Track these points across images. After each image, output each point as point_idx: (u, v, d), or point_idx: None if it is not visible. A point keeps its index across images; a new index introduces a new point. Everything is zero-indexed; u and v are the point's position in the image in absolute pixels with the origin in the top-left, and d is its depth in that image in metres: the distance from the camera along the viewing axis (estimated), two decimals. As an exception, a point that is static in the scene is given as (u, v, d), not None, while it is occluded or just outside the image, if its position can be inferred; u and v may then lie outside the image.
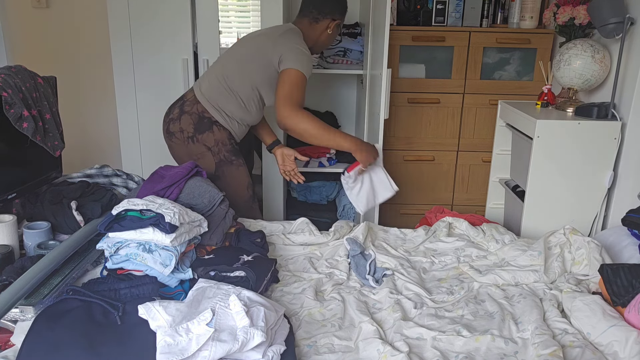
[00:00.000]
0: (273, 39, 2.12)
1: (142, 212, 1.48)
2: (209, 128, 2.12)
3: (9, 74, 1.71)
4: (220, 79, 2.16)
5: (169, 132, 2.18)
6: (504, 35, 2.76)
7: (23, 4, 3.16)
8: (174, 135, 2.16)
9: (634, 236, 1.87)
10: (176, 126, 2.15)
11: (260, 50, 2.12)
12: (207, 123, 2.12)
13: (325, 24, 2.25)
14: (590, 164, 2.18)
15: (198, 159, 2.13)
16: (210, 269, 1.52)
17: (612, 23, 2.06)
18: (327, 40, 2.32)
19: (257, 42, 2.17)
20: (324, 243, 1.94)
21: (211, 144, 2.13)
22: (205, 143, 2.13)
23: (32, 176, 1.87)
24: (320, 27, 2.25)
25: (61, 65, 3.18)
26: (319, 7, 2.23)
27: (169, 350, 1.16)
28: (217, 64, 2.23)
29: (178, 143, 2.16)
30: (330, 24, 2.26)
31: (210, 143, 2.13)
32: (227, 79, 2.15)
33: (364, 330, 1.42)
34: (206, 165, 2.13)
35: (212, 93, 2.14)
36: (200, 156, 2.14)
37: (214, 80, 2.17)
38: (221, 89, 2.14)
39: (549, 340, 1.33)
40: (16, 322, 1.36)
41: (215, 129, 2.13)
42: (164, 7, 2.66)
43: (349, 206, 3.08)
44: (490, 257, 1.87)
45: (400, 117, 2.87)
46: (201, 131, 2.12)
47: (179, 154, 2.18)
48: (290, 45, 2.09)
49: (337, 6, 2.26)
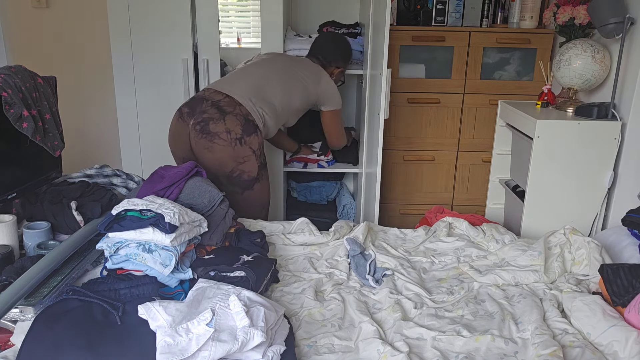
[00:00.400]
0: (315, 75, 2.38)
1: (142, 212, 1.48)
2: (254, 131, 2.13)
3: (8, 74, 1.71)
4: (258, 87, 2.20)
5: (209, 133, 2.08)
6: (504, 35, 2.76)
7: (23, 4, 3.16)
8: (218, 136, 2.07)
9: (634, 236, 1.87)
10: (220, 126, 2.07)
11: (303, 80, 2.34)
12: (252, 126, 2.12)
13: (330, 70, 2.53)
14: (590, 164, 2.18)
15: (243, 162, 2.12)
16: (210, 269, 1.52)
17: (612, 23, 2.06)
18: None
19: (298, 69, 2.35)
20: (324, 243, 1.94)
21: (255, 147, 2.14)
22: (251, 146, 2.12)
23: (32, 176, 1.87)
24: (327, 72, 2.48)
25: (61, 65, 3.18)
26: (325, 56, 2.53)
27: (169, 350, 1.16)
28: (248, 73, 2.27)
29: (223, 144, 2.08)
30: (334, 70, 2.56)
31: (255, 146, 2.14)
32: (263, 89, 2.21)
33: (364, 330, 1.42)
34: (250, 168, 2.14)
35: (252, 96, 2.16)
36: (247, 159, 2.12)
37: (252, 86, 2.19)
38: (259, 95, 2.18)
39: (549, 340, 1.33)
40: (16, 322, 1.36)
41: (258, 132, 2.15)
42: (164, 7, 2.66)
43: (349, 206, 3.08)
44: (490, 257, 1.87)
45: (400, 117, 2.87)
46: (249, 133, 2.11)
47: (222, 156, 2.10)
48: (331, 89, 2.42)
49: (341, 57, 2.57)
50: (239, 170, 2.12)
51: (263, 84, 2.22)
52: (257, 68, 2.32)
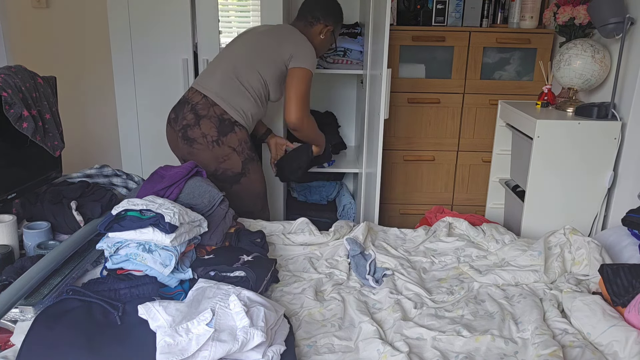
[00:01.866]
0: (283, 36, 2.22)
1: (142, 212, 1.48)
2: (231, 129, 2.15)
3: (8, 74, 1.71)
4: (232, 77, 2.17)
5: (188, 139, 2.15)
6: (504, 35, 2.76)
7: (23, 4, 3.16)
8: (196, 142, 2.14)
9: (634, 236, 1.87)
10: (196, 132, 2.13)
11: (271, 46, 2.20)
12: (228, 125, 2.14)
13: (318, 28, 2.35)
14: (590, 164, 2.18)
15: (224, 161, 2.16)
16: (210, 269, 1.52)
17: (612, 23, 2.06)
18: (320, 46, 2.39)
19: (264, 39, 2.23)
20: (324, 243, 1.94)
21: (235, 144, 2.16)
22: (230, 145, 2.15)
23: (32, 176, 1.87)
24: (314, 32, 2.34)
25: (61, 65, 3.18)
26: (313, 12, 2.34)
27: (169, 350, 1.16)
28: (222, 62, 2.23)
29: (201, 148, 2.14)
30: (323, 29, 2.35)
31: (235, 144, 2.16)
32: (239, 76, 2.17)
33: (364, 330, 1.42)
34: (233, 165, 2.17)
35: (226, 93, 2.15)
36: (227, 158, 2.16)
37: (226, 79, 2.17)
38: (234, 87, 2.16)
39: (549, 340, 1.33)
40: (16, 322, 1.36)
41: (237, 129, 2.16)
42: (164, 7, 2.66)
43: (349, 206, 3.08)
44: (490, 257, 1.87)
45: (400, 117, 2.87)
46: (224, 133, 2.14)
47: (203, 158, 2.15)
48: (300, 43, 2.21)
49: (331, 13, 2.36)
50: (222, 168, 2.17)
51: (237, 74, 2.18)
52: (227, 56, 2.25)
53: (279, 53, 2.19)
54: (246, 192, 2.24)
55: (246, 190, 2.24)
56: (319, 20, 2.34)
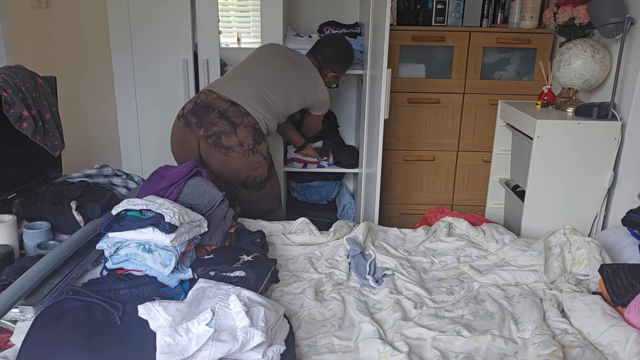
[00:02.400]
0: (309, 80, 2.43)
1: (142, 212, 1.48)
2: (263, 139, 2.24)
3: (8, 74, 1.71)
4: (265, 93, 2.27)
5: (222, 146, 2.16)
6: (504, 35, 2.75)
7: (23, 4, 3.16)
8: (232, 149, 2.17)
9: (634, 236, 1.87)
10: (233, 139, 2.16)
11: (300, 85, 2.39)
12: (260, 134, 2.22)
13: (325, 72, 2.56)
14: (590, 164, 2.18)
15: (256, 169, 2.23)
16: (210, 269, 1.52)
17: (612, 23, 2.06)
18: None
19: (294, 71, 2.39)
20: (324, 243, 1.94)
21: (265, 153, 2.25)
22: (262, 153, 2.23)
23: (32, 176, 1.87)
24: (322, 73, 2.53)
25: (61, 65, 3.18)
26: (325, 57, 2.54)
27: (169, 350, 1.15)
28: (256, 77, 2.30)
29: (237, 156, 2.18)
30: (329, 74, 2.58)
31: (265, 152, 2.25)
32: (270, 95, 2.27)
33: (364, 330, 1.42)
34: (262, 172, 2.26)
35: (257, 105, 2.23)
36: (258, 165, 2.23)
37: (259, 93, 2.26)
38: (264, 102, 2.26)
39: (549, 340, 1.33)
40: (16, 322, 1.36)
41: (266, 138, 2.27)
42: (164, 7, 2.66)
43: (349, 206, 3.08)
44: (490, 257, 1.87)
45: (400, 117, 2.87)
46: (259, 142, 2.21)
47: (236, 166, 2.19)
48: (325, 97, 2.50)
49: (342, 61, 2.60)
50: (252, 175, 2.23)
51: (266, 90, 2.28)
52: (261, 72, 2.33)
53: (308, 95, 2.42)
54: (270, 194, 2.34)
55: (270, 193, 2.33)
56: (327, 66, 2.55)
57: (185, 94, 2.74)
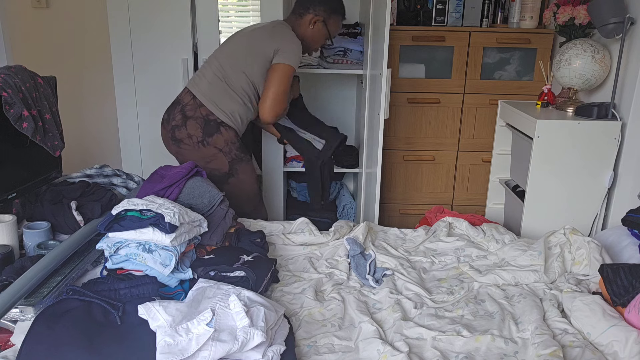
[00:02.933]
0: (267, 32, 2.19)
1: (142, 212, 1.48)
2: (216, 130, 2.16)
3: (8, 74, 1.71)
4: (220, 78, 2.18)
5: (176, 139, 2.18)
6: (504, 35, 2.75)
7: (23, 4, 3.16)
8: (182, 142, 2.17)
9: (634, 236, 1.87)
10: (183, 132, 2.16)
11: (255, 45, 2.17)
12: (214, 125, 2.15)
13: (307, 19, 2.29)
14: (590, 164, 2.18)
15: (211, 161, 2.18)
16: (210, 269, 1.52)
17: (612, 23, 2.06)
18: (311, 39, 2.33)
19: (251, 37, 2.21)
20: (324, 243, 1.94)
21: (221, 145, 2.17)
22: (216, 145, 2.17)
23: (32, 176, 1.87)
24: (304, 23, 2.29)
25: (61, 65, 3.18)
26: (303, 2, 2.30)
27: (169, 350, 1.15)
28: (212, 63, 2.23)
29: (188, 149, 2.17)
30: (312, 19, 2.29)
31: (221, 144, 2.17)
32: (226, 78, 2.17)
33: (364, 330, 1.42)
34: (219, 165, 2.18)
35: (213, 94, 2.16)
36: (213, 158, 2.18)
37: (214, 79, 2.18)
38: (221, 88, 2.17)
39: (549, 340, 1.33)
40: (16, 322, 1.36)
41: (223, 130, 2.17)
42: (164, 7, 2.66)
43: (349, 206, 3.08)
44: (491, 257, 1.87)
45: (400, 117, 2.86)
46: (210, 134, 2.15)
47: (190, 159, 2.17)
48: (286, 38, 2.17)
49: (321, 2, 2.29)
50: (209, 168, 2.17)
51: (225, 76, 2.18)
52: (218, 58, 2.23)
53: (263, 50, 2.15)
54: (236, 193, 2.23)
55: (236, 190, 2.24)
56: (307, 11, 2.28)
57: (185, 94, 2.74)
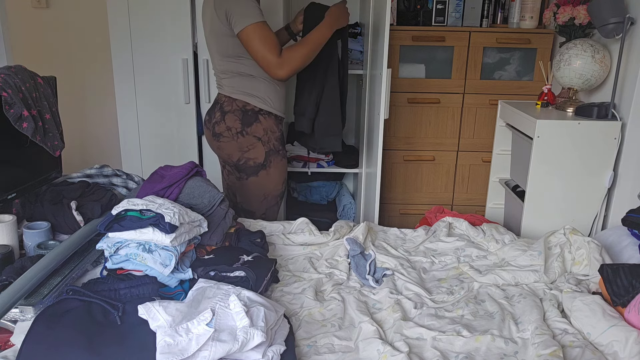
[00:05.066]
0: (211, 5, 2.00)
1: (142, 212, 1.48)
2: (255, 119, 2.14)
3: (8, 74, 1.71)
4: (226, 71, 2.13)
5: (216, 134, 2.19)
6: (504, 35, 2.76)
7: (23, 4, 3.16)
8: (222, 135, 2.17)
9: (634, 236, 1.87)
10: (222, 126, 2.16)
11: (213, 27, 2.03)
12: (251, 115, 2.14)
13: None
14: (590, 164, 2.18)
15: (248, 150, 2.16)
16: (210, 269, 1.52)
17: (612, 23, 2.06)
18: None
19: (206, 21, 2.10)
20: (324, 243, 1.94)
21: (260, 134, 2.16)
22: (255, 134, 2.15)
23: (32, 176, 1.87)
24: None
25: (61, 65, 3.18)
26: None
27: (169, 350, 1.15)
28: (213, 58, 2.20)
29: (227, 141, 2.17)
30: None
31: (260, 133, 2.16)
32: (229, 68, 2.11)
33: (364, 330, 1.42)
34: (256, 154, 2.17)
35: (237, 83, 2.13)
36: (251, 147, 2.16)
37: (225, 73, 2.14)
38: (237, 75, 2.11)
39: (549, 340, 1.33)
40: (16, 322, 1.36)
41: (262, 118, 2.15)
42: (164, 7, 2.66)
43: (349, 206, 3.08)
44: (491, 257, 1.87)
45: (400, 117, 2.87)
46: (249, 124, 2.14)
47: (229, 150, 2.18)
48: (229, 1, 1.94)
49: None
50: (245, 158, 2.18)
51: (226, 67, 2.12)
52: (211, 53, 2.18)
53: (219, 28, 1.98)
54: (257, 188, 2.21)
55: (258, 186, 2.20)
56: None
57: (185, 94, 2.74)
